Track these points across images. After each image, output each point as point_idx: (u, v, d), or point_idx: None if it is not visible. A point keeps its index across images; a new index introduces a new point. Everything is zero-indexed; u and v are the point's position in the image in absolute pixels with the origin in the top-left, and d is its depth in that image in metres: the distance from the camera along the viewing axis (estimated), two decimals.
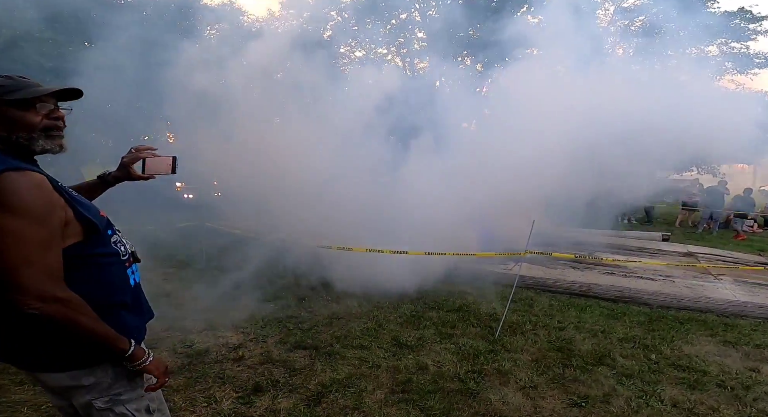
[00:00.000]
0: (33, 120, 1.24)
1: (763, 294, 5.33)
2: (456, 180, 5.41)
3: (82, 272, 1.26)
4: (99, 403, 1.32)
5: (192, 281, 5.20)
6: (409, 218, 5.09)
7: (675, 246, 8.67)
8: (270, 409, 2.73)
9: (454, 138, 5.87)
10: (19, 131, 1.23)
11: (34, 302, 1.12)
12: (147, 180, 1.65)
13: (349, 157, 5.31)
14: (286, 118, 5.57)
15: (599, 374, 3.29)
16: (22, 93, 1.23)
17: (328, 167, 5.20)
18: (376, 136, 5.56)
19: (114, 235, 1.39)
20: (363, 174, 5.36)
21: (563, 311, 4.62)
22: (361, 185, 5.27)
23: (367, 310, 4.45)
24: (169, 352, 3.41)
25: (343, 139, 5.36)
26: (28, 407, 2.62)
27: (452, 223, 5.22)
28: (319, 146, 5.28)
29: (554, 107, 5.21)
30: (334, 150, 5.32)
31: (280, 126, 5.59)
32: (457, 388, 3.03)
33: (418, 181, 5.33)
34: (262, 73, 5.42)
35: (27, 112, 1.23)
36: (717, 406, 2.93)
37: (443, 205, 5.18)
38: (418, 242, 4.65)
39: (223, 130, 5.33)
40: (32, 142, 1.24)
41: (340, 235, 4.85)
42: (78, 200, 1.29)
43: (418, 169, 5.45)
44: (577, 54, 5.51)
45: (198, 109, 5.11)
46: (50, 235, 1.17)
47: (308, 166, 5.12)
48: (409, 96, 6.04)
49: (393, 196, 5.33)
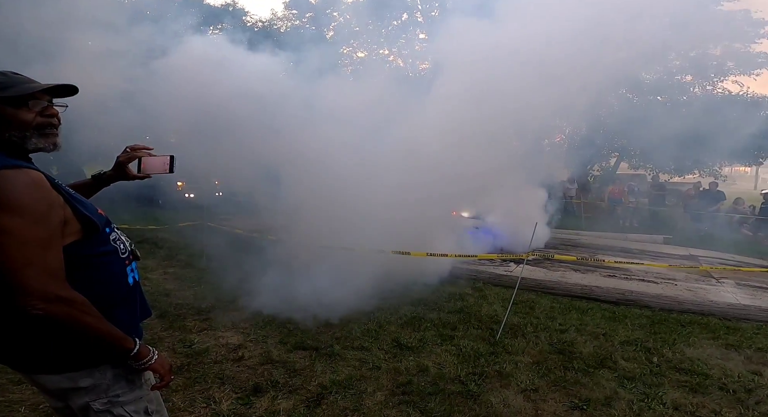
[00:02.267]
0: (26, 118, 1.21)
1: (765, 297, 5.31)
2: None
3: (82, 271, 1.24)
4: (97, 405, 1.30)
5: (193, 281, 5.19)
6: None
7: (676, 248, 8.64)
8: (269, 410, 2.72)
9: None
10: (12, 129, 1.20)
11: (37, 303, 1.10)
12: (143, 179, 1.62)
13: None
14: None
15: (601, 377, 3.27)
16: (14, 90, 1.20)
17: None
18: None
19: (113, 233, 1.38)
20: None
21: (564, 313, 4.60)
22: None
23: (368, 311, 4.43)
24: (169, 352, 3.39)
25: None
26: (26, 407, 2.61)
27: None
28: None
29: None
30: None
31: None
32: (457, 390, 3.01)
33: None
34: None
35: (19, 110, 1.20)
36: (719, 409, 2.91)
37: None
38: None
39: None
40: (25, 140, 1.22)
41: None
42: (76, 198, 1.27)
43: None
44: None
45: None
46: (50, 234, 1.15)
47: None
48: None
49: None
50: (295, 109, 5.05)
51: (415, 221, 5.00)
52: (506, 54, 4.90)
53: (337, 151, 4.88)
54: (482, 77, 4.99)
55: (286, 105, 5.00)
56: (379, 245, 4.65)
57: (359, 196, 4.81)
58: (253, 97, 4.71)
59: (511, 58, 4.88)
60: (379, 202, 4.80)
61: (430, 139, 5.06)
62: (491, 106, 4.97)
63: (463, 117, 5.01)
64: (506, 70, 4.91)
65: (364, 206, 4.78)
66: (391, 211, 4.81)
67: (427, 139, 5.06)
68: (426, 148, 5.01)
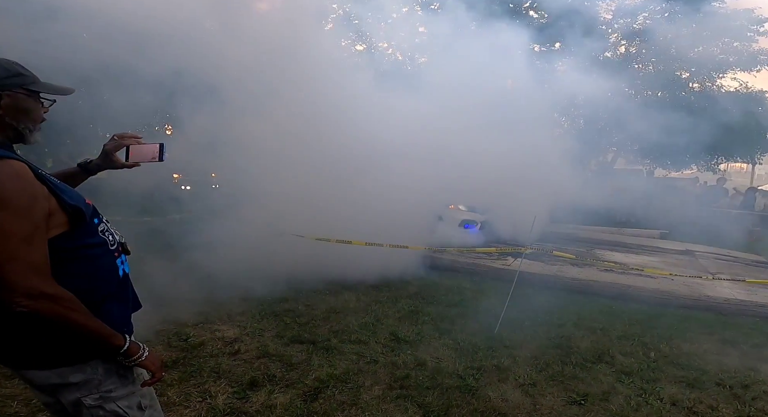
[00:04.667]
0: (40, 113, 1.26)
1: (761, 292, 5.33)
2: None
3: (70, 264, 1.21)
4: (89, 401, 1.27)
5: (187, 273, 5.14)
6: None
7: (673, 243, 8.67)
8: (266, 404, 2.69)
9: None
10: (28, 122, 1.23)
11: (22, 300, 1.07)
12: (131, 168, 1.57)
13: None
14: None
15: (598, 372, 3.27)
16: (38, 86, 1.24)
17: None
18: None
19: (101, 224, 1.33)
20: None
21: (562, 308, 4.60)
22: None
23: (365, 304, 4.42)
24: (164, 346, 3.35)
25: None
26: (19, 402, 2.57)
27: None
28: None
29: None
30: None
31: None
32: (455, 384, 3.00)
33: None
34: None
35: (38, 105, 1.25)
36: (716, 405, 2.92)
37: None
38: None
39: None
40: (33, 133, 1.25)
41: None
42: (61, 188, 1.23)
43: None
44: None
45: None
46: (34, 227, 1.11)
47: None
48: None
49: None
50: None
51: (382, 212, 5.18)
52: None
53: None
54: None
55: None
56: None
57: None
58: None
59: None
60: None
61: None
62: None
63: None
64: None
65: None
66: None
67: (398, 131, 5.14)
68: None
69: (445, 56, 5.68)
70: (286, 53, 5.16)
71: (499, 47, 6.56)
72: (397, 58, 10.66)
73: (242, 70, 5.01)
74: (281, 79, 5.14)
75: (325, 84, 5.34)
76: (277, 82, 5.15)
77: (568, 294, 5.14)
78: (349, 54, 5.76)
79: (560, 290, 5.28)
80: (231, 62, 4.93)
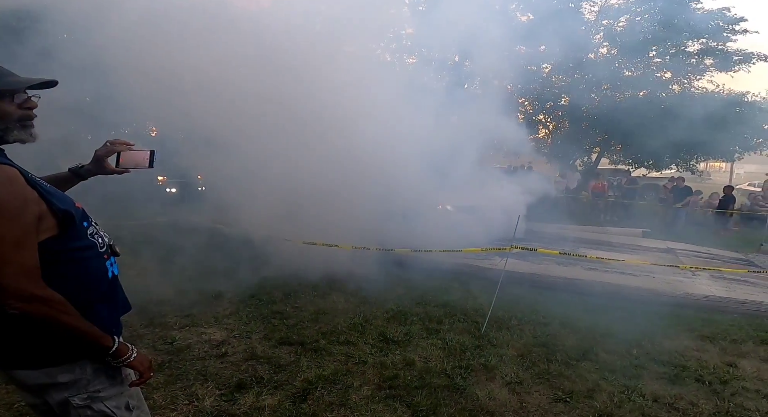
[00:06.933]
0: (9, 110, 1.21)
1: (739, 289, 5.48)
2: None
3: (60, 266, 1.23)
4: (77, 401, 1.29)
5: (173, 276, 5.08)
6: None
7: (655, 242, 8.85)
8: (254, 406, 2.68)
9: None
10: None
11: (13, 302, 1.10)
12: (122, 174, 1.60)
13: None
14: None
15: (583, 369, 3.33)
16: (1, 83, 1.20)
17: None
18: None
19: (90, 227, 1.35)
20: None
21: (548, 306, 4.66)
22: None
23: (354, 305, 4.42)
24: (149, 349, 3.31)
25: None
26: (0, 406, 2.52)
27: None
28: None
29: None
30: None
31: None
32: (444, 383, 3.03)
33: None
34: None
35: (3, 102, 1.20)
36: (696, 400, 2.99)
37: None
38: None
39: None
40: (7, 132, 1.22)
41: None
42: (51, 192, 1.24)
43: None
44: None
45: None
46: (25, 231, 1.13)
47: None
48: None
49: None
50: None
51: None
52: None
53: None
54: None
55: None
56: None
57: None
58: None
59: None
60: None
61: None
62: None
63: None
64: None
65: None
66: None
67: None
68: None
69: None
70: (267, 55, 5.15)
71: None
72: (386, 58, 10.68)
73: (224, 70, 4.97)
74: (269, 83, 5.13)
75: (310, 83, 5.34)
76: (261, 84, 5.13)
77: (554, 292, 5.22)
78: (338, 52, 5.69)
79: (545, 289, 5.35)
80: (213, 63, 4.88)
